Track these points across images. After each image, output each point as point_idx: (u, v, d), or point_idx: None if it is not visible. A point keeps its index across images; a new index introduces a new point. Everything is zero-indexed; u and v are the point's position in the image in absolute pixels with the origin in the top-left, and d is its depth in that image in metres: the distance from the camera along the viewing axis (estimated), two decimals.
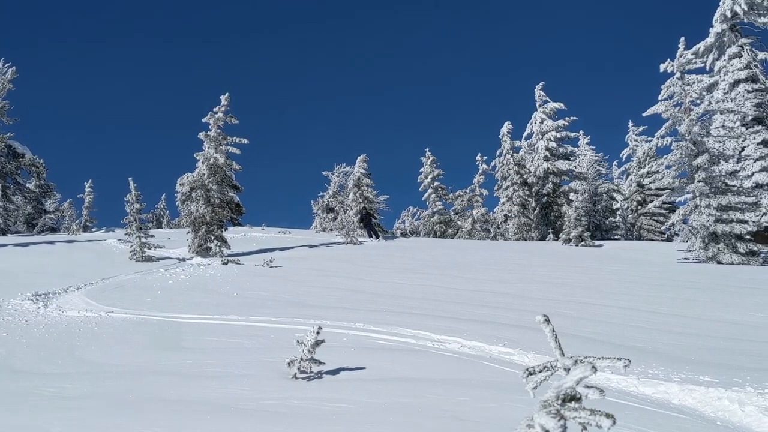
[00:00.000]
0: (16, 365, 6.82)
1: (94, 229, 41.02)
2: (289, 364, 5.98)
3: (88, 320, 9.77)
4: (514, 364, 6.49)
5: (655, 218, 40.48)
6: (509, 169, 41.45)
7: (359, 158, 36.62)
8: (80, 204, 47.52)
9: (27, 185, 38.93)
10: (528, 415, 1.21)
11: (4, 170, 36.13)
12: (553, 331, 1.47)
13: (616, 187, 43.37)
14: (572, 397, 1.22)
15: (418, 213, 51.36)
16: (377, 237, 30.16)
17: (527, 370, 1.45)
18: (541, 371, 1.44)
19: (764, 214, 26.65)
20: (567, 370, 1.33)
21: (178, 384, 5.73)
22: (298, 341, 6.06)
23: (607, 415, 1.14)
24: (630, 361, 1.44)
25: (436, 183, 44.77)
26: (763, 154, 27.83)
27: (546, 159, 40.20)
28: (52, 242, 24.71)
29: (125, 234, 23.12)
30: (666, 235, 35.05)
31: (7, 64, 36.80)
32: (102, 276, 15.24)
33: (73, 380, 6.00)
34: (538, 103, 41.74)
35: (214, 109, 24.47)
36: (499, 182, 42.73)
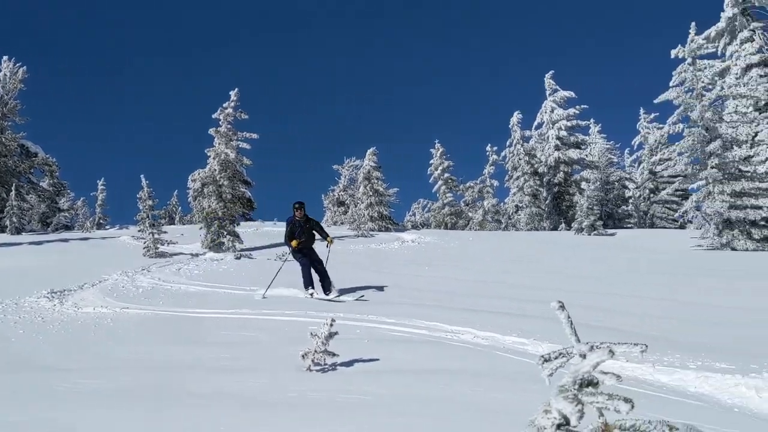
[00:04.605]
0: (34, 362, 6.88)
1: (107, 227, 41.32)
2: (303, 356, 5.99)
3: (104, 316, 9.85)
4: (529, 354, 6.48)
5: (668, 206, 40.22)
6: (520, 159, 41.33)
7: (369, 151, 36.58)
8: (93, 202, 47.96)
9: (40, 184, 39.29)
10: (545, 401, 1.21)
11: (18, 170, 36.45)
12: (569, 317, 1.46)
13: (628, 176, 43.10)
14: (589, 382, 1.22)
15: (429, 205, 51.34)
16: None
17: (542, 356, 1.44)
18: (556, 358, 1.43)
19: None
20: (583, 356, 1.32)
21: (194, 377, 5.76)
22: (311, 333, 6.07)
23: (626, 400, 1.13)
24: (647, 347, 1.43)
25: (446, 175, 44.71)
26: None
27: (557, 148, 40.02)
28: (66, 240, 24.92)
29: (138, 231, 23.29)
30: (679, 223, 34.90)
31: (18, 64, 37.08)
32: (116, 272, 15.35)
33: (91, 375, 6.05)
34: (548, 92, 41.54)
35: (224, 105, 24.55)
36: (509, 173, 42.65)
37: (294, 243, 11.76)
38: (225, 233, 22.69)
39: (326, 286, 11.55)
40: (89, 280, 14.01)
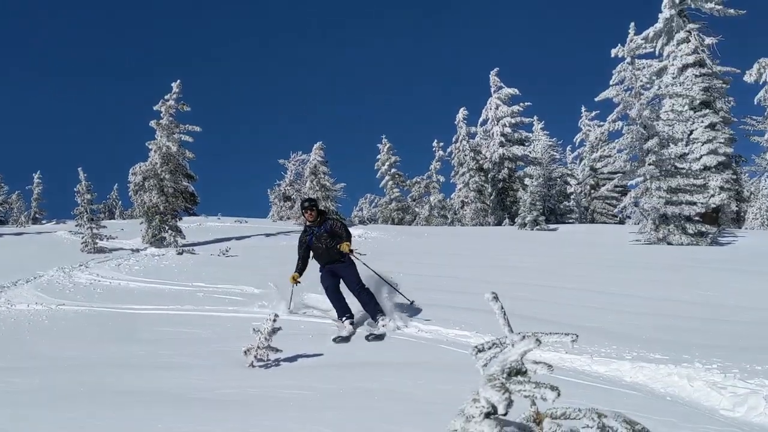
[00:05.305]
0: None
1: (44, 221, 40.02)
2: (245, 352, 5.93)
3: (39, 313, 9.53)
4: (471, 347, 6.55)
5: (608, 201, 41.29)
6: (465, 155, 41.74)
7: (315, 146, 36.35)
8: (29, 195, 46.27)
9: None
10: (474, 390, 1.22)
11: None
12: (502, 308, 1.47)
13: (569, 172, 44.03)
14: (518, 371, 1.23)
15: (376, 200, 51.47)
16: None
17: (476, 347, 1.45)
18: (490, 348, 1.44)
19: (712, 195, 27.44)
20: (513, 345, 1.34)
21: (132, 375, 5.63)
22: (254, 329, 6.01)
23: (552, 388, 1.15)
24: (577, 336, 1.45)
25: (393, 170, 44.82)
26: (710, 137, 28.60)
27: (501, 144, 40.56)
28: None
29: (76, 225, 22.62)
30: (618, 218, 35.85)
31: None
32: (52, 268, 14.85)
33: (24, 374, 5.84)
34: (492, 89, 42.02)
35: (166, 97, 24.02)
36: (455, 168, 42.99)
37: (292, 276, 8.33)
38: (167, 228, 22.24)
39: (371, 310, 7.83)
40: (24, 276, 13.52)
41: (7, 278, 13.10)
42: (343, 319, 7.73)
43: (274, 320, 6.03)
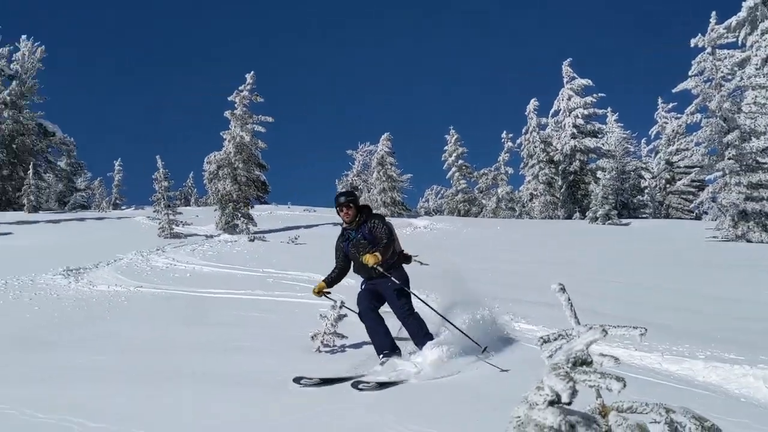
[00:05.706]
0: (47, 338, 7.00)
1: (123, 207, 41.70)
2: (312, 337, 6.06)
3: (118, 295, 9.98)
4: (538, 338, 6.48)
5: (684, 196, 39.87)
6: (535, 147, 41.06)
7: (383, 137, 36.52)
8: (110, 182, 48.41)
9: (58, 164, 39.59)
10: (539, 378, 1.23)
11: (35, 149, 36.74)
12: (569, 299, 1.48)
13: (644, 165, 42.73)
14: (583, 361, 1.24)
15: (442, 191, 51.31)
16: None
17: (542, 338, 1.47)
18: (555, 339, 1.46)
19: None
20: (581, 336, 1.35)
21: (203, 357, 5.84)
22: (321, 315, 6.14)
23: (618, 378, 1.15)
24: (646, 330, 1.44)
25: (460, 161, 44.54)
26: None
27: (573, 136, 39.72)
28: (82, 219, 25.18)
29: (154, 211, 23.52)
30: (695, 214, 34.58)
31: (36, 44, 37.27)
32: (131, 252, 15.51)
33: (102, 353, 6.14)
34: (565, 80, 41.17)
35: (240, 88, 24.59)
36: (524, 160, 42.38)
37: (317, 287, 6.02)
38: (239, 215, 22.84)
39: (420, 342, 5.60)
40: (104, 258, 14.18)
41: (89, 260, 13.77)
42: (381, 355, 5.50)
43: (341, 307, 6.15)
